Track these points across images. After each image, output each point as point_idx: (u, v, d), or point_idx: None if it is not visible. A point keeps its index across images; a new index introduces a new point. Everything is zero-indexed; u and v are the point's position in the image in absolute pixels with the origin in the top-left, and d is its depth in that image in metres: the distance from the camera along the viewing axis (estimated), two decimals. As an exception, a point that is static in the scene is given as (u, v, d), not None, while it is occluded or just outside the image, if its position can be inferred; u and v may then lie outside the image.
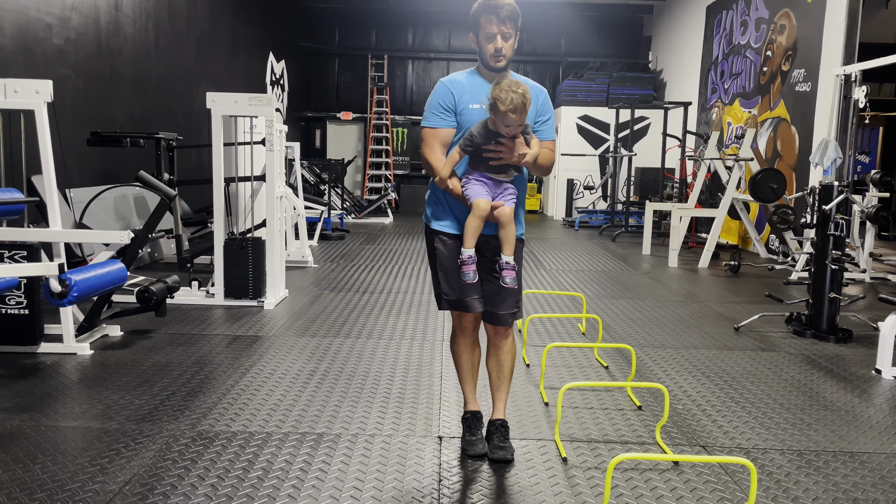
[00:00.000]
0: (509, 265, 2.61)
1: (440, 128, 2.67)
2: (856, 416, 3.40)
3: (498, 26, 2.59)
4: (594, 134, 14.21)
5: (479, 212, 2.57)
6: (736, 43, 10.73)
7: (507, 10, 2.58)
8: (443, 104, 2.66)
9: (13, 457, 2.70)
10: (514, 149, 2.55)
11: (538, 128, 2.72)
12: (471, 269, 2.61)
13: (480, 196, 2.58)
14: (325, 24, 15.98)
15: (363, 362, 4.02)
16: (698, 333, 4.94)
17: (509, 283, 2.60)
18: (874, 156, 13.22)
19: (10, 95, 3.88)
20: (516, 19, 2.61)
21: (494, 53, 2.62)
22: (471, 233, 2.60)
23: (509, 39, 2.63)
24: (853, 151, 7.09)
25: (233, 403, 3.33)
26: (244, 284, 5.43)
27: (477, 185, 2.61)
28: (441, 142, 2.68)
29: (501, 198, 2.62)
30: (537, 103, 2.70)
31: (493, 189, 2.62)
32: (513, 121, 2.49)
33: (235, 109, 5.40)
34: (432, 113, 2.69)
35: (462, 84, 2.68)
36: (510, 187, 2.66)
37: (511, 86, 2.49)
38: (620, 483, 2.62)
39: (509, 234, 2.62)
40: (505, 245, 2.63)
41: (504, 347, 2.85)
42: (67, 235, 4.28)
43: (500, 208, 2.60)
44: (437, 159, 2.66)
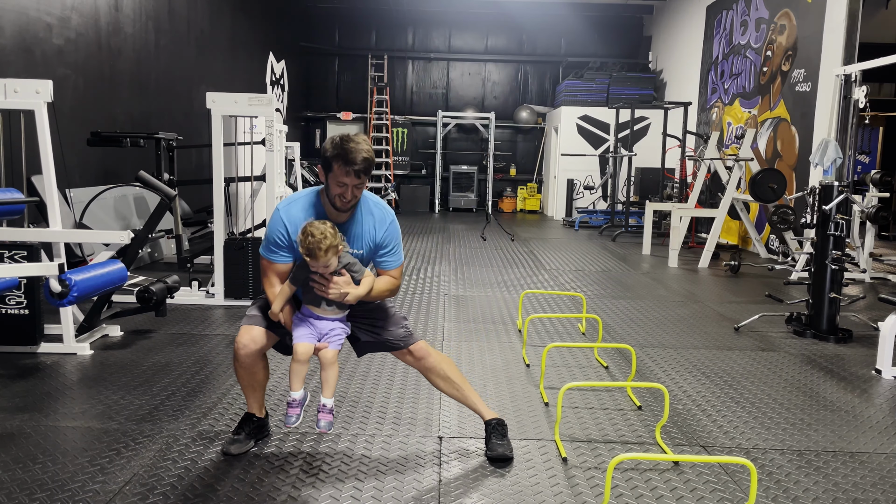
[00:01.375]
0: (326, 408, 2.56)
1: (275, 262, 2.63)
2: (856, 416, 3.40)
3: (352, 179, 2.49)
4: (594, 134, 14.21)
5: (298, 356, 2.53)
6: (736, 43, 10.73)
7: (363, 165, 2.47)
8: (277, 240, 2.60)
9: (13, 457, 2.70)
10: (335, 286, 2.50)
11: (381, 259, 2.69)
12: (295, 412, 2.55)
13: (301, 340, 2.55)
14: (325, 24, 15.98)
15: (363, 363, 4.02)
16: (698, 333, 4.94)
17: (323, 426, 2.55)
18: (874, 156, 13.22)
19: (10, 95, 3.88)
20: (370, 170, 2.53)
21: (342, 200, 2.53)
22: (294, 376, 2.55)
23: (360, 188, 2.55)
24: (853, 151, 7.09)
25: (233, 403, 3.33)
26: (244, 284, 5.43)
27: (302, 327, 2.58)
28: (277, 273, 2.64)
29: (327, 339, 2.58)
30: (376, 234, 2.66)
31: (320, 328, 2.58)
32: (317, 264, 2.46)
33: (235, 109, 5.40)
34: (268, 246, 2.64)
35: (297, 220, 2.58)
36: (338, 327, 2.61)
37: (312, 228, 2.44)
38: (620, 483, 2.62)
39: (330, 375, 2.57)
40: (325, 386, 2.57)
41: (434, 364, 2.81)
42: (67, 235, 4.28)
43: (322, 351, 2.56)
44: (272, 292, 2.63)
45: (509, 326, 4.99)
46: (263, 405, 2.89)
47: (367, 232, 2.66)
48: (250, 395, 2.82)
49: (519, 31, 16.19)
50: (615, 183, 12.30)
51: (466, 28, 16.20)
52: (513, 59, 16.32)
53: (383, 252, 2.71)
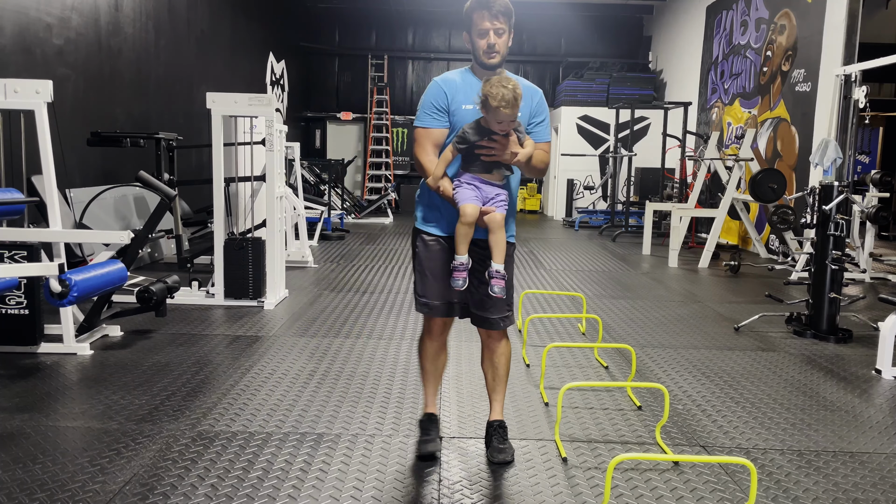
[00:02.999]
0: (499, 274, 2.56)
1: (433, 128, 2.64)
2: (856, 416, 3.40)
3: (491, 21, 2.55)
4: (594, 134, 14.21)
5: (467, 218, 2.52)
6: (736, 43, 10.73)
7: (500, 6, 2.55)
8: (436, 104, 2.63)
9: (13, 457, 2.70)
10: (506, 146, 2.52)
11: (533, 129, 2.69)
12: (462, 275, 2.57)
13: (469, 201, 2.53)
14: (325, 24, 15.98)
15: (363, 362, 4.02)
16: (698, 333, 4.94)
17: (497, 292, 2.56)
18: (874, 156, 13.22)
19: (10, 95, 3.88)
20: (509, 15, 2.58)
21: (487, 49, 2.58)
22: (461, 239, 2.56)
23: (503, 35, 2.59)
24: (853, 151, 7.09)
25: (233, 403, 3.33)
26: (244, 284, 5.43)
27: (467, 190, 2.56)
28: (433, 142, 2.65)
29: (492, 203, 2.57)
30: (531, 104, 2.67)
31: (484, 194, 2.57)
32: (504, 116, 2.45)
33: (235, 109, 5.40)
34: (425, 113, 2.66)
35: (456, 83, 2.65)
36: (502, 193, 2.61)
37: (501, 81, 2.46)
38: (620, 483, 2.62)
39: (499, 240, 2.57)
40: (495, 251, 2.57)
41: (497, 350, 2.82)
42: (67, 235, 4.28)
43: (490, 214, 2.55)
44: (429, 160, 2.63)
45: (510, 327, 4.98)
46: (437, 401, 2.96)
47: (524, 98, 2.61)
48: (432, 382, 2.88)
49: (519, 31, 16.17)
50: (615, 183, 12.30)
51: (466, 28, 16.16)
52: (513, 58, 16.29)
53: (537, 122, 2.70)
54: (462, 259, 2.57)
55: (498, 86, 2.45)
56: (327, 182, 11.83)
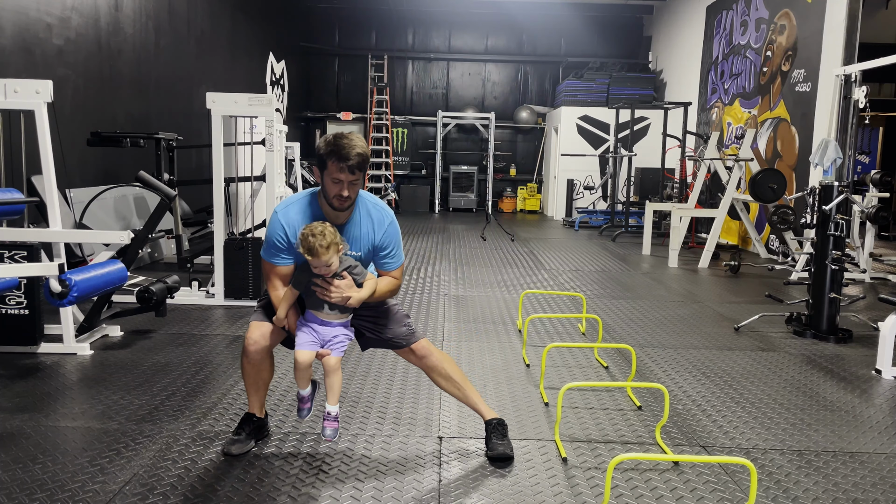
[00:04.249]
0: (330, 416, 2.59)
1: (277, 265, 2.64)
2: (856, 416, 3.40)
3: (346, 175, 2.49)
4: (594, 134, 14.21)
5: (301, 365, 2.57)
6: (736, 43, 10.73)
7: (357, 160, 2.49)
8: (277, 243, 2.61)
9: (13, 457, 2.70)
10: (337, 289, 2.52)
11: (381, 260, 2.70)
12: (306, 406, 2.69)
13: (303, 348, 2.57)
14: (325, 24, 15.98)
15: (363, 362, 4.02)
16: (698, 333, 4.94)
17: (329, 434, 2.58)
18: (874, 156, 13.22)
19: (10, 95, 3.88)
20: (365, 167, 2.54)
21: (339, 199, 2.54)
22: (299, 380, 2.63)
23: (356, 185, 2.55)
24: (853, 151, 7.09)
25: (233, 403, 3.33)
26: (244, 284, 5.43)
27: (304, 334, 2.59)
28: (280, 277, 2.65)
29: (330, 345, 2.59)
30: (374, 237, 2.66)
31: (322, 336, 2.59)
32: (321, 264, 2.46)
33: (235, 110, 5.40)
34: (268, 249, 2.64)
35: (295, 223, 2.59)
36: (340, 334, 2.61)
37: (313, 230, 2.45)
38: (620, 483, 2.62)
39: (334, 382, 2.59)
40: (329, 393, 2.60)
41: (435, 362, 2.82)
42: (67, 235, 4.28)
43: (325, 357, 2.58)
44: (276, 295, 2.65)
45: (509, 326, 4.99)
46: (264, 405, 2.89)
47: (366, 234, 2.66)
48: (253, 393, 2.83)
49: (519, 31, 16.19)
50: (615, 183, 12.30)
51: (466, 28, 16.20)
52: (513, 59, 16.31)
53: (383, 254, 2.71)
54: (305, 392, 2.65)
55: (308, 234, 2.45)
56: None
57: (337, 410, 2.60)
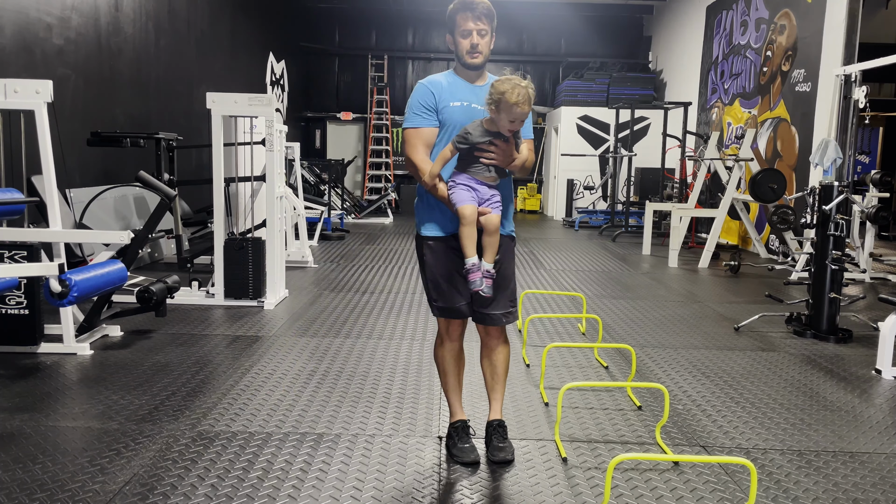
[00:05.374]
0: (489, 273, 2.59)
1: (423, 127, 2.66)
2: (856, 416, 3.40)
3: (474, 22, 2.60)
4: (594, 134, 14.21)
5: (467, 220, 2.53)
6: (736, 43, 10.73)
7: (483, 8, 2.60)
8: (423, 103, 2.65)
9: (13, 457, 2.70)
10: (508, 151, 2.54)
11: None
12: (477, 275, 2.57)
13: (466, 202, 2.54)
14: (325, 24, 15.98)
15: (363, 362, 4.02)
16: (698, 333, 4.94)
17: (487, 291, 2.58)
18: (874, 156, 13.22)
19: (10, 95, 3.88)
20: (492, 18, 2.62)
21: (471, 49, 2.63)
22: (467, 242, 2.56)
23: (485, 37, 2.63)
24: (853, 151, 7.09)
25: (233, 403, 3.33)
26: (244, 284, 5.43)
27: (463, 191, 2.56)
28: (424, 142, 2.66)
29: (488, 204, 2.58)
30: None
31: (480, 195, 2.57)
32: (520, 114, 2.48)
33: (235, 109, 5.40)
34: (414, 113, 2.68)
35: (441, 83, 2.68)
36: (496, 193, 2.61)
37: (513, 80, 2.49)
38: (620, 483, 2.62)
39: (493, 241, 2.59)
40: (487, 251, 2.60)
41: (496, 349, 2.82)
42: (67, 235, 4.28)
43: (486, 216, 2.57)
44: (422, 159, 2.64)
45: (509, 326, 4.99)
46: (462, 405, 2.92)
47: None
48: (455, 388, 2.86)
49: (519, 31, 16.19)
50: (615, 183, 12.30)
51: (466, 28, 16.18)
52: (513, 59, 16.31)
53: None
54: (473, 260, 2.58)
55: (514, 83, 2.47)
56: (327, 182, 11.83)
57: (492, 268, 2.60)
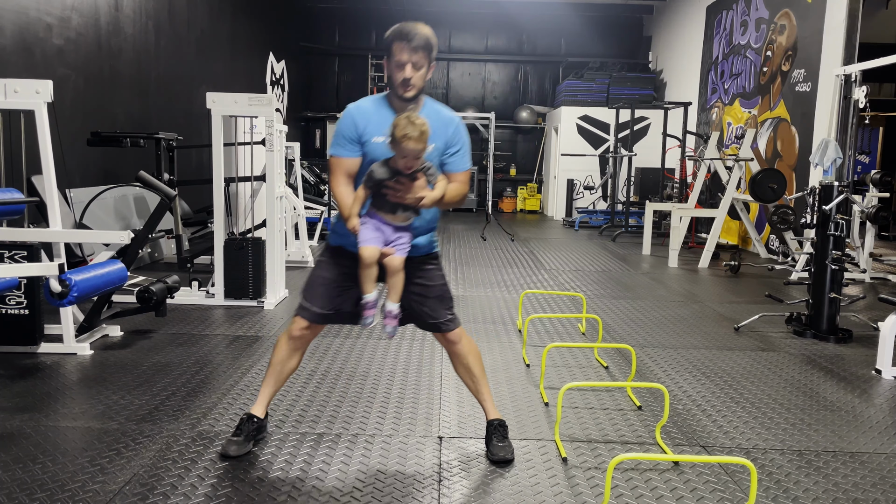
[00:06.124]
0: (391, 314, 2.59)
1: (344, 157, 2.61)
2: (856, 416, 3.40)
3: (409, 55, 2.51)
4: (594, 134, 14.21)
5: (365, 262, 2.53)
6: (736, 43, 10.73)
7: (420, 40, 2.51)
8: (346, 134, 2.60)
9: (13, 457, 2.70)
10: (411, 189, 2.48)
11: (448, 160, 2.67)
12: (371, 312, 2.58)
13: (368, 243, 2.54)
14: (325, 24, 15.98)
15: (363, 362, 4.02)
16: (698, 333, 4.94)
17: (390, 332, 2.57)
18: (874, 156, 13.22)
19: (10, 95, 3.88)
20: (430, 49, 2.54)
21: (403, 83, 2.54)
22: (365, 280, 2.57)
23: (420, 69, 2.55)
24: (853, 151, 7.09)
25: (233, 403, 3.33)
26: (244, 284, 5.43)
27: (369, 231, 2.56)
28: (346, 172, 2.62)
29: (394, 245, 2.57)
30: (446, 134, 2.64)
31: (388, 235, 2.56)
32: (408, 151, 2.43)
33: (235, 109, 5.40)
34: (337, 142, 2.63)
35: (368, 113, 2.61)
36: (404, 235, 2.59)
37: (410, 117, 2.45)
38: (620, 483, 2.62)
39: (396, 282, 2.59)
40: (391, 292, 2.60)
41: (462, 351, 2.82)
42: (67, 235, 4.28)
43: (389, 257, 2.56)
44: (341, 192, 2.61)
45: (509, 326, 4.99)
46: (268, 405, 2.90)
47: (437, 131, 2.61)
48: (270, 385, 2.84)
49: (519, 31, 16.19)
50: (615, 183, 12.30)
51: (466, 28, 16.20)
52: (513, 59, 16.31)
53: (451, 152, 2.67)
54: (369, 297, 2.58)
55: (406, 120, 2.44)
56: (327, 182, 11.83)
57: (398, 309, 2.60)
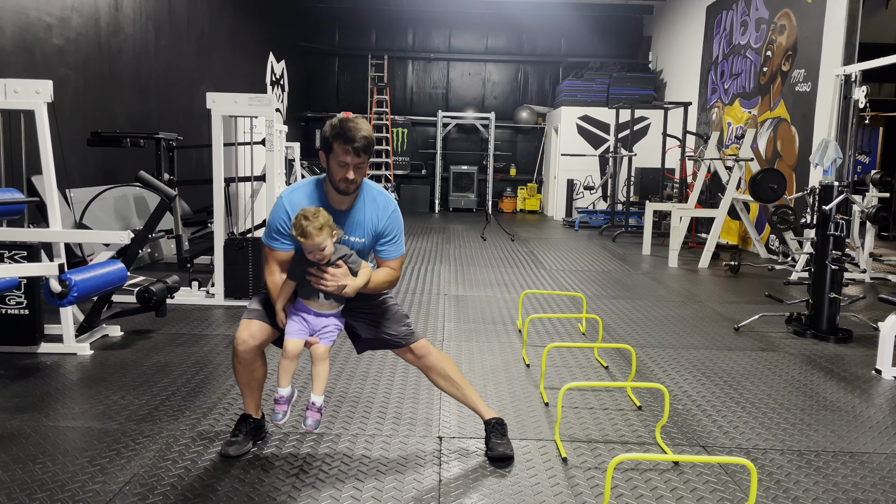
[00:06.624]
0: (314, 406, 2.56)
1: (276, 250, 2.63)
2: (856, 416, 3.40)
3: (352, 158, 2.50)
4: (594, 134, 14.21)
5: (288, 353, 2.54)
6: (736, 43, 10.73)
7: (362, 143, 2.50)
8: (279, 228, 2.60)
9: (13, 457, 2.70)
10: (332, 278, 2.50)
11: (381, 247, 2.69)
12: (282, 408, 2.55)
13: (292, 336, 2.55)
14: (325, 24, 15.98)
15: (363, 362, 4.02)
16: (698, 333, 4.94)
17: (310, 424, 2.55)
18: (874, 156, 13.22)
19: (10, 95, 3.87)
20: (370, 151, 2.55)
21: (344, 182, 2.54)
22: (282, 372, 2.55)
23: (362, 168, 2.56)
24: (853, 151, 7.09)
25: (233, 403, 3.33)
26: (244, 284, 5.43)
27: (293, 323, 2.57)
28: (278, 260, 2.64)
29: (319, 335, 2.58)
30: (378, 223, 2.66)
31: (312, 326, 2.58)
32: (311, 246, 2.44)
33: (235, 109, 5.40)
34: (268, 233, 2.64)
35: (301, 206, 2.58)
36: (330, 324, 2.60)
37: (307, 213, 2.45)
38: (620, 483, 2.62)
39: (321, 371, 2.58)
40: (315, 382, 2.58)
41: (434, 362, 2.82)
42: (67, 235, 4.28)
43: (314, 346, 2.57)
44: (273, 281, 2.62)
45: (509, 326, 4.99)
46: (260, 406, 2.89)
47: (370, 220, 2.66)
48: (248, 394, 2.82)
49: (519, 31, 16.18)
50: (615, 183, 12.30)
51: (466, 28, 16.20)
52: (513, 59, 16.31)
53: (384, 241, 2.70)
54: (283, 392, 2.56)
55: (300, 217, 2.45)
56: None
57: (321, 402, 2.57)
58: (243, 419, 2.85)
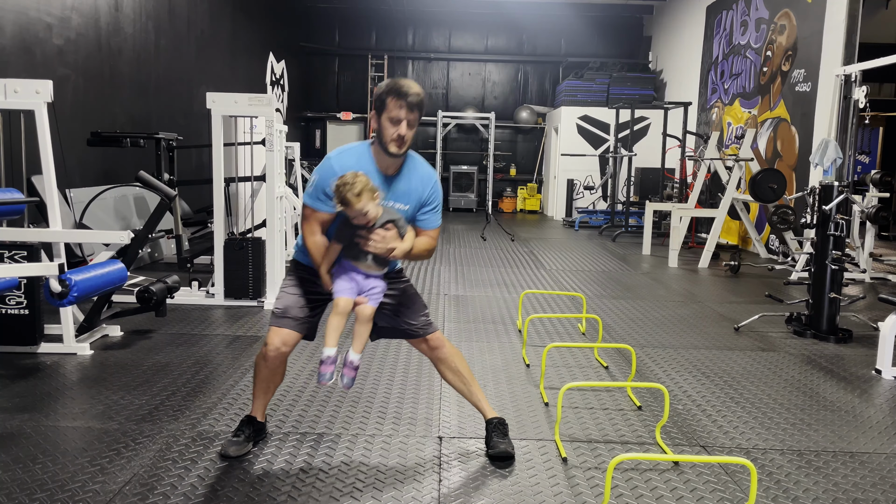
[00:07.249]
0: (352, 365, 2.57)
1: (319, 210, 2.60)
2: (856, 416, 3.40)
3: (406, 112, 2.49)
4: (594, 134, 14.21)
5: (339, 310, 2.55)
6: (736, 43, 10.73)
7: (416, 98, 2.51)
8: (324, 188, 2.57)
9: (13, 457, 2.70)
10: (381, 241, 2.51)
11: (421, 216, 2.68)
12: (328, 369, 2.53)
13: (342, 294, 2.56)
14: (325, 24, 15.98)
15: (363, 362, 4.02)
16: (698, 333, 4.94)
17: (346, 383, 2.57)
18: (874, 156, 13.22)
19: (10, 95, 3.87)
20: (422, 109, 2.54)
21: (397, 139, 2.52)
22: (331, 331, 2.55)
23: (413, 127, 2.55)
24: (853, 151, 7.09)
25: (233, 403, 3.33)
26: (244, 284, 5.43)
27: (342, 281, 2.57)
28: (320, 221, 2.62)
29: (367, 294, 2.59)
30: (422, 192, 2.65)
31: (360, 284, 2.58)
32: (354, 212, 2.45)
33: (235, 110, 5.40)
34: (314, 193, 2.61)
35: (350, 167, 2.54)
36: (378, 285, 2.61)
37: (346, 179, 2.44)
38: (620, 483, 2.62)
39: (363, 331, 2.60)
40: (356, 340, 2.60)
41: (446, 355, 2.83)
42: (67, 235, 4.28)
43: (360, 306, 2.58)
44: (314, 242, 2.62)
45: (509, 326, 4.99)
46: (265, 409, 2.90)
47: (415, 189, 2.65)
48: (261, 395, 2.82)
49: (519, 31, 16.19)
50: (615, 183, 12.30)
51: (466, 28, 16.20)
52: (513, 59, 16.31)
53: (426, 209, 2.69)
54: (330, 352, 2.55)
55: (340, 185, 2.45)
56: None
57: (359, 360, 2.59)
58: (248, 421, 2.85)
